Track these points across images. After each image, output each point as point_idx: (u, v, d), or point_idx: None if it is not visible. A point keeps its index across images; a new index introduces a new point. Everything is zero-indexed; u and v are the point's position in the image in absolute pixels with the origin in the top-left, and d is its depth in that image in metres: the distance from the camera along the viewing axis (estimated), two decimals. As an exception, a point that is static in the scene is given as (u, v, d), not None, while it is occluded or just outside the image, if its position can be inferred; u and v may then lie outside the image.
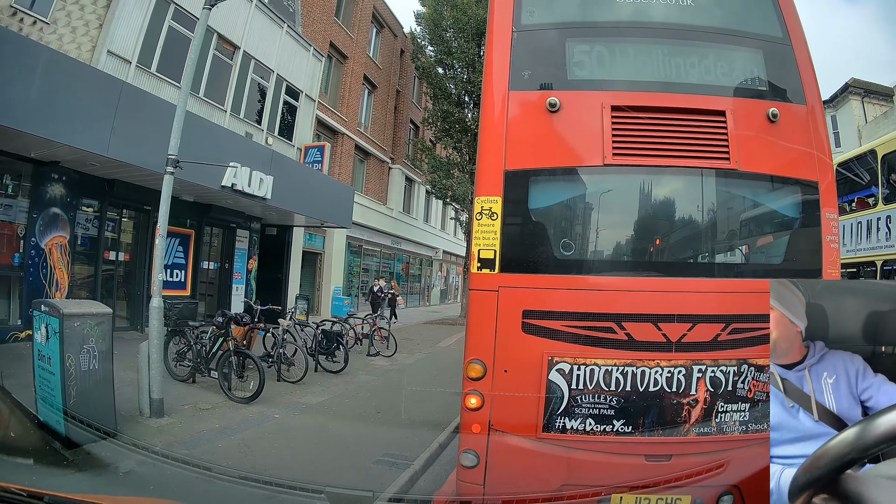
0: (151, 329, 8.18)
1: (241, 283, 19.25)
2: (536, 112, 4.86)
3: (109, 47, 13.55)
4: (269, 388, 9.69)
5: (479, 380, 4.62)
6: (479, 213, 4.76)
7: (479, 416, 4.63)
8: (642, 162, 4.74)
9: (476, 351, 4.68)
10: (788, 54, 5.07)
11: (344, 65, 27.02)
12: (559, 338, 4.54)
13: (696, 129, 4.74)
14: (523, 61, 5.00)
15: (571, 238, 4.94)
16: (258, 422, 8.10)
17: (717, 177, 4.81)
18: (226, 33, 17.37)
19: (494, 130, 4.92)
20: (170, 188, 8.49)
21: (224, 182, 14.28)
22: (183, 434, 7.22)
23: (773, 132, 4.82)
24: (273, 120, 19.96)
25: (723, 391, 4.49)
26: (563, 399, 4.51)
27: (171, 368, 10.36)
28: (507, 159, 4.77)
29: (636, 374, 4.48)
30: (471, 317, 4.87)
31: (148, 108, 12.02)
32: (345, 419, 8.66)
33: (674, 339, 4.48)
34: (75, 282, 13.40)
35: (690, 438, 4.50)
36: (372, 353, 15.09)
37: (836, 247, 4.82)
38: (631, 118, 4.76)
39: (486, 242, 4.71)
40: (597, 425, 4.50)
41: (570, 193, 5.06)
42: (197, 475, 5.52)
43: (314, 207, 18.95)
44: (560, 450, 4.53)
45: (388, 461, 6.59)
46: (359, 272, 29.67)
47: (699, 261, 4.99)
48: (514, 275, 4.66)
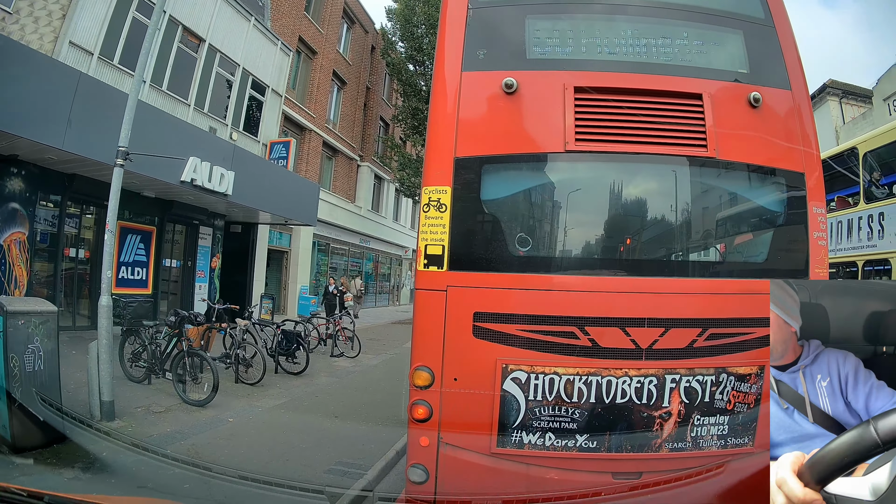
0: (100, 328, 7.88)
1: (205, 281, 18.84)
2: (491, 94, 4.47)
3: (71, 38, 13.22)
4: (226, 390, 9.48)
5: (427, 388, 4.25)
6: (426, 205, 4.39)
7: (426, 428, 4.27)
8: (609, 148, 4.36)
9: (423, 357, 4.31)
10: (771, 37, 4.73)
11: (313, 60, 26.67)
12: (514, 343, 4.18)
13: (669, 114, 4.39)
14: (479, 40, 4.63)
15: (528, 233, 4.56)
16: (211, 426, 7.87)
17: (692, 166, 4.46)
18: (191, 26, 17.02)
19: (444, 114, 4.55)
20: (119, 181, 8.20)
21: (183, 177, 13.97)
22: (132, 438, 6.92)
23: (755, 118, 4.47)
24: (238, 115, 19.59)
25: (699, 403, 4.16)
26: (519, 411, 4.16)
27: (127, 369, 10.07)
28: (457, 146, 4.40)
29: (601, 384, 4.11)
30: (417, 319, 4.45)
31: (107, 101, 11.63)
32: (300, 423, 8.41)
33: (644, 346, 4.12)
34: (37, 279, 13.07)
35: (663, 455, 4.17)
36: (335, 354, 14.83)
37: (824, 244, 4.48)
38: (596, 101, 4.39)
39: (433, 237, 4.33)
40: (558, 440, 4.16)
41: (527, 183, 4.70)
42: (196, 475, 5.43)
43: (278, 204, 18.64)
44: (518, 466, 4.21)
45: (340, 470, 6.38)
46: (326, 271, 29.33)
47: (673, 259, 4.61)
48: (464, 273, 4.30)
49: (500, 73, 4.44)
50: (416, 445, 4.33)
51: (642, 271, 4.44)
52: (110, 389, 7.68)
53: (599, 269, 4.53)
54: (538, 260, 4.52)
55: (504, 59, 4.62)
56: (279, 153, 21.08)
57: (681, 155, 4.39)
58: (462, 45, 4.60)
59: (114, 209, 8.16)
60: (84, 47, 13.58)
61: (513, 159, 4.56)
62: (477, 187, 4.45)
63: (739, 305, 4.19)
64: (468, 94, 4.52)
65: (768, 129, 4.53)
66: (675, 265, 4.58)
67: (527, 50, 4.66)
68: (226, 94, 19.11)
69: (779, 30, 4.75)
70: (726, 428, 4.21)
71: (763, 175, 4.59)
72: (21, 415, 5.93)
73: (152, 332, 10.08)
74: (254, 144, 20.35)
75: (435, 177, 4.41)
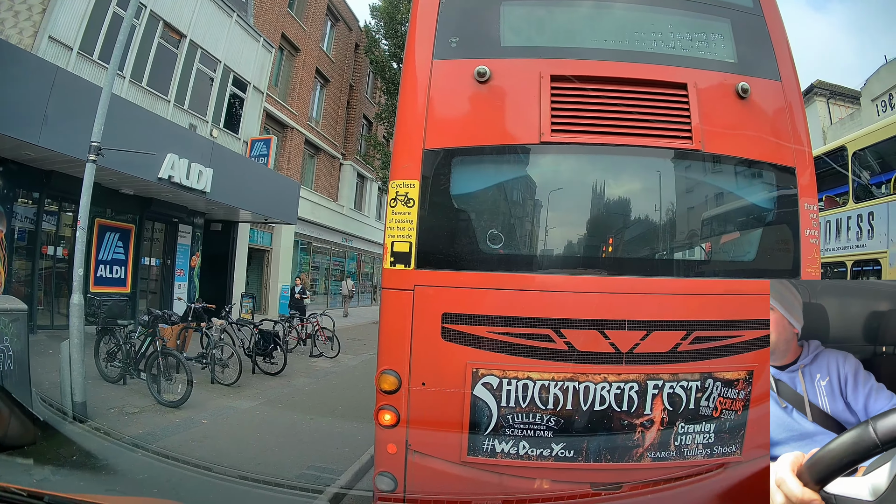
0: (72, 327, 7.74)
1: (184, 280, 18.65)
2: (463, 83, 4.25)
3: (51, 33, 13.05)
4: (201, 390, 9.38)
5: (394, 393, 4.05)
6: (393, 200, 4.16)
7: (394, 434, 4.07)
8: (587, 140, 4.15)
9: (389, 360, 4.11)
10: (760, 26, 4.53)
11: (296, 57, 26.49)
12: (485, 346, 3.97)
13: (652, 105, 4.18)
14: (452, 27, 4.42)
15: (500, 229, 4.32)
16: (184, 427, 7.74)
17: (676, 159, 4.26)
18: (172, 21, 16.85)
19: (414, 105, 4.34)
20: (92, 177, 8.09)
21: (161, 174, 13.84)
22: (103, 441, 6.82)
23: (743, 110, 4.27)
24: (219, 112, 19.44)
25: (683, 410, 3.96)
26: (490, 418, 3.96)
27: (102, 369, 9.93)
28: (427, 137, 4.17)
29: (578, 390, 3.91)
30: (383, 320, 4.24)
31: (84, 96, 11.46)
32: (275, 426, 8.31)
33: (624, 350, 3.91)
34: (16, 277, 12.92)
35: (645, 465, 3.98)
36: (315, 355, 14.71)
37: (815, 242, 4.27)
38: (574, 90, 4.17)
39: (400, 233, 4.11)
40: (532, 449, 3.96)
41: (500, 177, 4.49)
42: (197, 474, 5.35)
43: (257, 202, 18.50)
44: (490, 476, 4.02)
45: (312, 475, 6.22)
46: (308, 270, 29.16)
47: (655, 257, 4.40)
48: (432, 271, 4.08)
49: (473, 61, 4.24)
50: (384, 452, 4.15)
51: (623, 270, 4.25)
52: (82, 390, 7.55)
53: (576, 267, 4.33)
54: (511, 258, 4.30)
55: (477, 47, 4.42)
56: (260, 151, 20.95)
57: (664, 147, 4.21)
58: (434, 33, 4.40)
59: (86, 206, 8.03)
60: (63, 42, 13.40)
61: (484, 151, 4.36)
62: (447, 181, 4.25)
63: (727, 307, 4.06)
64: (439, 84, 4.30)
65: (757, 122, 4.35)
66: (657, 264, 4.39)
67: (501, 37, 4.46)
68: (207, 91, 18.92)
69: (768, 19, 4.56)
70: (713, 436, 4.03)
71: (751, 169, 4.41)
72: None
73: (127, 331, 9.93)
74: (234, 142, 20.19)
75: (402, 170, 4.21)
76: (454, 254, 4.18)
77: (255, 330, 12.33)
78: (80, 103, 11.11)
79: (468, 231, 4.32)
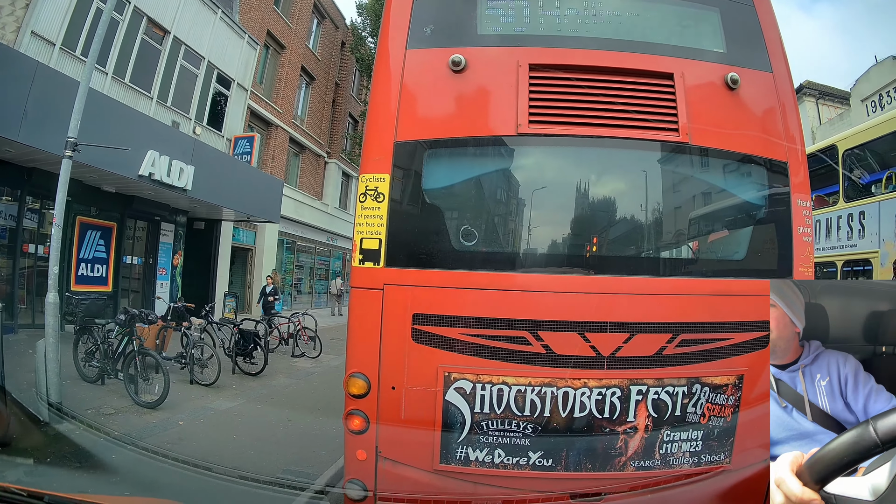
0: (47, 326, 7.64)
1: (166, 279, 18.48)
2: (438, 73, 4.05)
3: (34, 28, 12.89)
4: (180, 391, 9.30)
5: (363, 397, 3.89)
6: (362, 195, 3.97)
7: (363, 440, 3.91)
8: (567, 131, 3.94)
9: (358, 363, 3.93)
10: (750, 15, 4.33)
11: (281, 55, 26.36)
12: (457, 349, 3.78)
13: (636, 95, 3.99)
14: (426, 15, 4.22)
15: (475, 226, 4.11)
16: (160, 429, 7.66)
17: (662, 152, 4.06)
18: (156, 17, 16.71)
19: (385, 96, 4.14)
20: (67, 173, 8.02)
21: (141, 171, 13.72)
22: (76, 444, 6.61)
23: (733, 102, 4.08)
24: (202, 109, 19.29)
25: (669, 417, 3.77)
26: (464, 424, 3.78)
27: (81, 369, 9.81)
28: (398, 129, 3.99)
29: (557, 396, 3.71)
30: (351, 321, 4.07)
31: (65, 92, 11.29)
32: (252, 427, 8.23)
33: (605, 354, 3.70)
34: (-1, 275, 12.70)
35: (628, 474, 3.79)
36: (297, 355, 14.59)
37: (809, 240, 4.07)
38: (554, 80, 3.99)
39: (369, 230, 3.93)
40: (508, 457, 3.78)
41: (474, 170, 4.30)
42: (197, 474, 5.28)
43: (240, 200, 18.37)
44: (463, 485, 3.85)
45: (287, 479, 6.04)
46: (292, 269, 29.04)
47: (639, 255, 4.24)
48: (402, 270, 3.90)
49: (448, 50, 4.05)
50: (353, 459, 3.99)
51: (604, 269, 4.04)
52: (58, 390, 7.45)
53: (555, 266, 4.14)
54: (486, 256, 4.09)
55: (453, 36, 4.22)
56: (243, 148, 20.80)
57: (649, 139, 4.00)
58: (408, 21, 4.19)
59: (61, 202, 7.96)
60: (46, 38, 13.25)
61: (458, 143, 4.17)
62: (419, 175, 4.07)
63: (715, 308, 3.89)
64: (412, 74, 4.13)
65: (747, 114, 4.18)
66: (641, 263, 4.21)
67: (478, 25, 4.26)
68: (190, 88, 18.74)
69: (759, 8, 4.38)
70: (700, 444, 3.84)
71: (741, 163, 4.22)
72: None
73: (105, 330, 9.82)
74: (218, 139, 20.06)
75: (373, 163, 4.02)
76: (426, 251, 4.00)
77: (235, 329, 12.22)
78: (61, 99, 10.96)
79: (441, 227, 4.12)
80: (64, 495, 2.60)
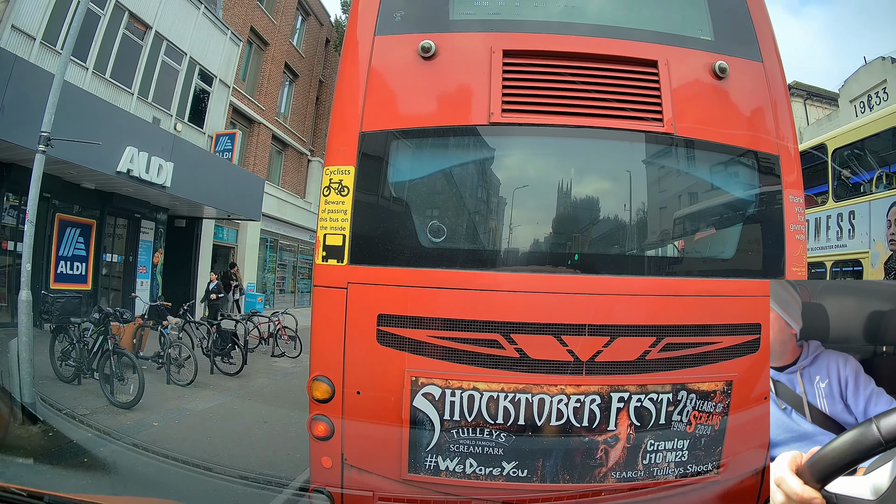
0: (20, 325, 7.51)
1: (147, 277, 18.28)
2: (406, 60, 3.89)
3: (14, 22, 12.72)
4: (157, 391, 9.23)
5: (326, 402, 3.71)
6: (326, 188, 3.79)
7: (328, 447, 3.76)
8: (543, 121, 3.77)
9: (321, 366, 3.76)
10: (739, 3, 4.17)
11: (265, 52, 26.22)
12: (425, 352, 3.61)
13: (617, 83, 3.80)
14: (397, 1, 4.05)
15: (443, 221, 3.92)
16: (134, 430, 7.53)
17: (645, 143, 3.88)
18: (138, 12, 16.53)
19: (352, 84, 3.99)
20: (41, 168, 7.91)
21: (120, 168, 13.59)
22: (50, 445, 6.53)
23: (721, 92, 3.92)
24: (184, 105, 19.07)
25: (653, 425, 3.60)
26: (433, 432, 3.61)
27: (57, 368, 9.67)
28: (364, 119, 3.82)
29: (532, 402, 3.54)
30: (314, 321, 3.89)
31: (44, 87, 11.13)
32: (227, 429, 8.13)
33: (584, 358, 3.53)
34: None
35: (608, 486, 3.62)
36: (276, 354, 14.44)
37: (801, 238, 3.92)
38: (529, 66, 3.83)
39: (333, 225, 3.76)
40: (481, 467, 3.61)
41: (444, 162, 4.10)
42: (196, 474, 5.25)
43: (221, 198, 18.24)
44: (433, 495, 3.70)
45: (257, 486, 5.94)
46: (274, 268, 28.86)
47: (621, 253, 4.03)
48: (367, 268, 3.73)
49: (418, 35, 3.87)
50: (319, 466, 3.84)
51: (583, 268, 3.86)
52: (31, 391, 7.32)
53: (529, 264, 3.97)
54: (455, 253, 3.91)
55: (424, 21, 4.02)
56: (225, 145, 20.65)
57: (630, 129, 3.82)
58: (377, 7, 4.02)
59: (34, 198, 7.83)
60: (27, 32, 13.09)
61: (427, 133, 4.00)
62: (385, 167, 3.90)
63: (702, 309, 3.74)
64: (380, 61, 3.95)
65: (736, 104, 4.02)
66: (623, 261, 3.99)
67: (451, 9, 4.08)
68: (172, 84, 18.54)
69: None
70: (686, 454, 3.68)
71: (730, 157, 4.04)
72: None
73: (81, 329, 9.67)
74: (199, 136, 19.86)
75: (337, 155, 3.85)
76: (391, 248, 3.82)
77: (213, 329, 12.10)
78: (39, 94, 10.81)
79: (408, 223, 3.90)
80: (64, 495, 2.60)
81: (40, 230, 14.01)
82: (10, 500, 2.40)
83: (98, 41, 15.14)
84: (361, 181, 3.79)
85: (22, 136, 10.64)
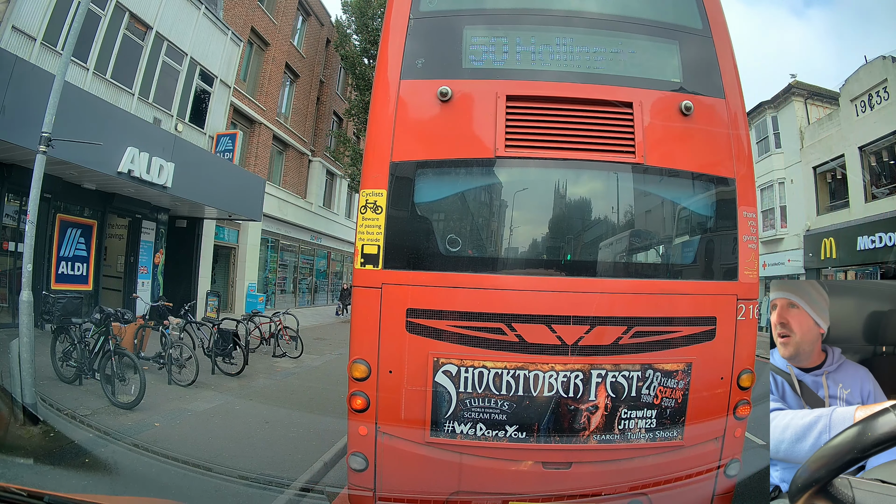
0: (21, 326, 7.51)
1: (148, 277, 18.27)
2: (427, 102, 4.72)
3: (14, 22, 12.72)
4: (158, 391, 9.26)
5: (364, 380, 4.50)
6: (363, 207, 4.62)
7: (364, 417, 4.53)
8: (538, 154, 4.64)
9: (360, 350, 4.55)
10: (708, 47, 4.99)
11: (265, 52, 26.22)
12: (444, 338, 4.45)
13: (599, 122, 4.63)
14: (419, 49, 4.87)
15: (459, 234, 4.85)
16: (135, 431, 7.55)
17: (620, 172, 4.71)
18: (138, 12, 16.54)
19: (383, 120, 4.76)
20: (41, 169, 7.91)
21: (120, 168, 13.58)
22: (51, 446, 6.54)
23: (687, 126, 4.74)
24: (184, 106, 19.08)
25: (626, 397, 4.43)
26: (450, 402, 4.43)
27: (59, 369, 9.70)
28: (394, 150, 4.62)
29: (529, 377, 4.38)
30: (354, 315, 4.72)
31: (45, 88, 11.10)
32: (228, 429, 8.15)
33: (569, 342, 4.39)
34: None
35: (591, 446, 4.45)
36: (277, 355, 14.50)
37: (753, 247, 4.76)
38: (528, 109, 4.65)
39: (369, 237, 4.58)
40: (488, 430, 4.43)
41: (458, 187, 4.98)
42: (197, 474, 5.48)
43: (222, 198, 18.26)
44: (451, 455, 4.49)
45: (258, 486, 6.01)
46: (275, 268, 28.88)
47: (599, 260, 4.85)
48: (397, 271, 4.54)
49: (437, 81, 4.68)
50: (356, 435, 4.57)
51: (569, 271, 4.77)
52: (32, 391, 7.33)
53: (527, 268, 4.84)
54: (468, 259, 4.79)
55: (441, 68, 4.86)
56: (225, 146, 20.63)
57: (609, 161, 4.65)
58: (402, 54, 4.83)
59: (35, 199, 7.83)
60: (27, 32, 13.09)
61: (445, 164, 4.81)
62: (411, 190, 4.68)
63: (667, 305, 4.62)
64: (406, 101, 4.75)
65: (699, 137, 4.81)
66: (601, 266, 4.79)
67: (463, 59, 4.89)
68: (172, 85, 18.55)
69: (716, 39, 5.00)
70: (654, 422, 4.48)
71: (692, 180, 4.86)
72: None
73: (82, 330, 9.68)
74: (200, 137, 19.87)
75: (372, 180, 4.63)
76: (417, 256, 4.65)
77: (214, 329, 12.12)
78: (39, 94, 10.80)
79: (430, 235, 4.76)
80: (64, 495, 2.70)
81: (41, 231, 14.01)
82: (11, 500, 2.44)
83: (99, 42, 15.16)
84: (392, 201, 4.60)
85: (22, 136, 10.66)
